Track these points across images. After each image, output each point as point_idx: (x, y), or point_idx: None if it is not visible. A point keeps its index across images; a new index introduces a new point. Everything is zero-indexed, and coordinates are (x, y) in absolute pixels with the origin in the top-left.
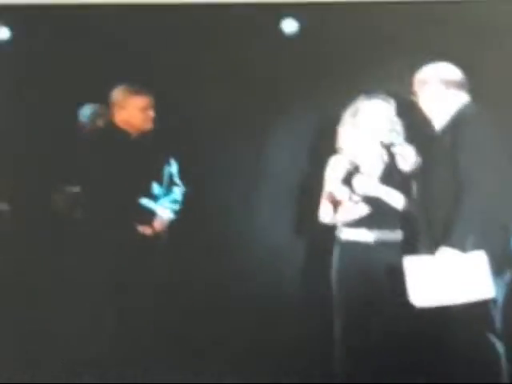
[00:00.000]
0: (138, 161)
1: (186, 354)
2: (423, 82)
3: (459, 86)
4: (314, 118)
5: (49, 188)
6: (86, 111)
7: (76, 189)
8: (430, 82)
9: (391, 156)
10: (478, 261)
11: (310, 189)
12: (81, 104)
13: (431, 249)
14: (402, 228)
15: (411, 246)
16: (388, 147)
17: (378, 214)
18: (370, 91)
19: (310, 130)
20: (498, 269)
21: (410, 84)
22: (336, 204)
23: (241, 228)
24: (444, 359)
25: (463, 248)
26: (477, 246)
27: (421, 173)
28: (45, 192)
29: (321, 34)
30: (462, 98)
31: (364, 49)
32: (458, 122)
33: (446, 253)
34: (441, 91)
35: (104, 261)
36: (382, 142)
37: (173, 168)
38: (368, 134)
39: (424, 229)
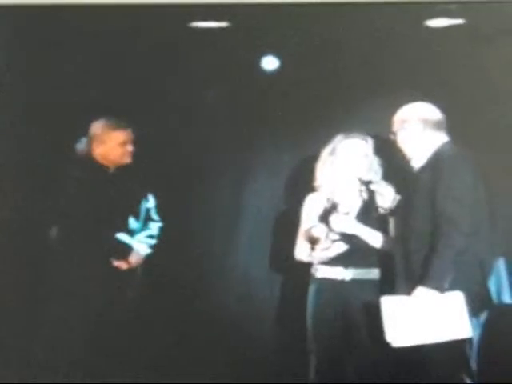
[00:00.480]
0: (115, 195)
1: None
2: (402, 121)
3: (438, 125)
4: (291, 156)
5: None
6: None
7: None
8: (409, 121)
9: (369, 193)
10: (455, 301)
11: (287, 226)
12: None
13: (408, 288)
14: (379, 266)
15: (389, 284)
16: (366, 184)
17: (355, 252)
18: (348, 130)
19: (288, 168)
20: (474, 308)
21: (389, 123)
22: (313, 241)
23: (218, 263)
24: None
25: (441, 287)
26: (454, 285)
27: (399, 211)
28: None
29: (299, 72)
30: (441, 138)
31: (341, 88)
32: (436, 161)
33: (422, 293)
34: (419, 130)
35: (79, 295)
36: (360, 180)
37: (150, 203)
38: (346, 171)
39: (402, 267)
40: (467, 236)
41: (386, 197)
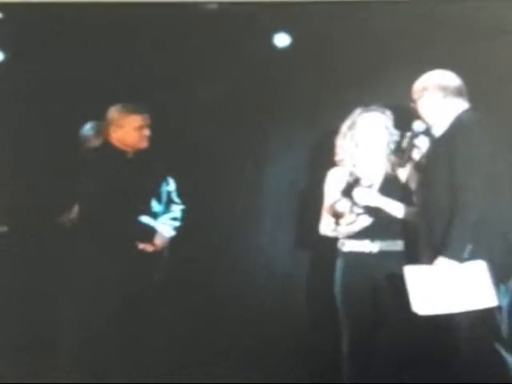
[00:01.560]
0: (135, 179)
1: (189, 366)
2: (422, 89)
3: (458, 93)
4: (312, 132)
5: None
6: (88, 128)
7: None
8: (429, 90)
9: (390, 166)
10: (478, 270)
11: (311, 202)
12: (81, 123)
13: (432, 258)
14: (403, 238)
15: (413, 255)
16: (387, 158)
17: (380, 224)
18: (367, 104)
19: (309, 144)
20: (502, 276)
21: (408, 93)
22: (337, 216)
23: (242, 243)
24: (451, 369)
25: (459, 257)
26: (477, 255)
27: (421, 181)
28: (46, 213)
29: (315, 47)
30: (461, 105)
31: (361, 61)
32: (456, 128)
33: (443, 263)
34: (440, 98)
35: (106, 279)
36: (380, 154)
37: (170, 186)
38: (366, 145)
39: (425, 238)
40: (485, 206)
41: (422, 150)
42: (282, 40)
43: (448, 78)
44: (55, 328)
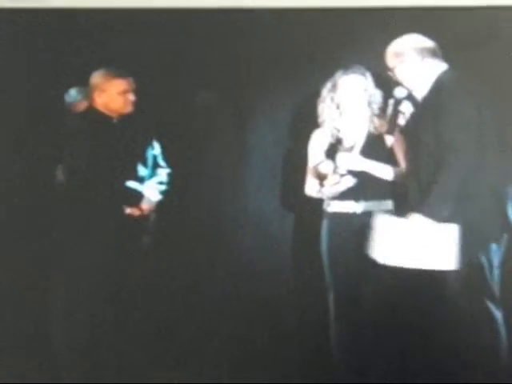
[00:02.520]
0: (121, 144)
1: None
2: (397, 54)
3: (434, 54)
4: (295, 94)
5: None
6: (72, 93)
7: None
8: (406, 54)
9: (373, 127)
10: (449, 232)
11: (296, 163)
12: (64, 88)
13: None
14: (392, 198)
15: (403, 215)
16: (369, 119)
17: (365, 185)
18: (347, 66)
19: (292, 106)
20: (492, 234)
21: (384, 59)
22: (321, 178)
23: (229, 206)
24: (439, 325)
25: (438, 215)
26: (465, 214)
27: (408, 145)
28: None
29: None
30: (441, 66)
31: (337, 22)
32: (438, 89)
33: (417, 218)
34: (418, 61)
35: (93, 245)
36: (361, 115)
37: (156, 150)
38: (347, 107)
39: (414, 198)
40: (472, 164)
41: (407, 115)
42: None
43: (421, 40)
44: (44, 300)
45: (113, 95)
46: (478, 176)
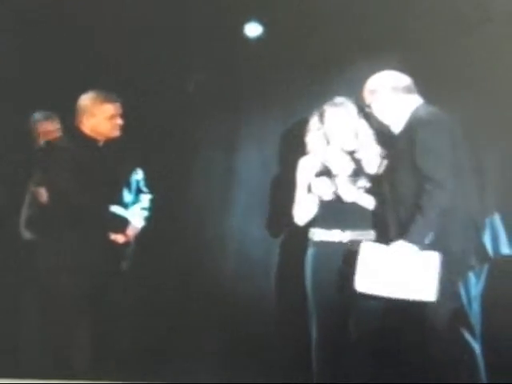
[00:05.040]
0: (106, 168)
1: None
2: (372, 92)
3: (408, 90)
4: (283, 121)
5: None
6: (38, 116)
7: None
8: (380, 92)
9: (357, 161)
10: (429, 261)
11: (283, 190)
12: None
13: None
14: (374, 228)
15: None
16: (351, 154)
17: (351, 215)
18: (334, 97)
19: (280, 133)
20: (472, 263)
21: (361, 96)
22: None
23: (214, 232)
24: (418, 356)
25: (420, 242)
26: (442, 243)
27: (387, 174)
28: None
29: (284, 38)
30: (415, 101)
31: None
32: (413, 123)
33: (400, 245)
34: (392, 98)
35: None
36: (346, 148)
37: (138, 175)
38: (334, 139)
39: (395, 228)
40: (451, 194)
41: (373, 163)
42: (253, 30)
43: (396, 77)
44: (18, 316)
45: (101, 120)
46: (456, 206)
